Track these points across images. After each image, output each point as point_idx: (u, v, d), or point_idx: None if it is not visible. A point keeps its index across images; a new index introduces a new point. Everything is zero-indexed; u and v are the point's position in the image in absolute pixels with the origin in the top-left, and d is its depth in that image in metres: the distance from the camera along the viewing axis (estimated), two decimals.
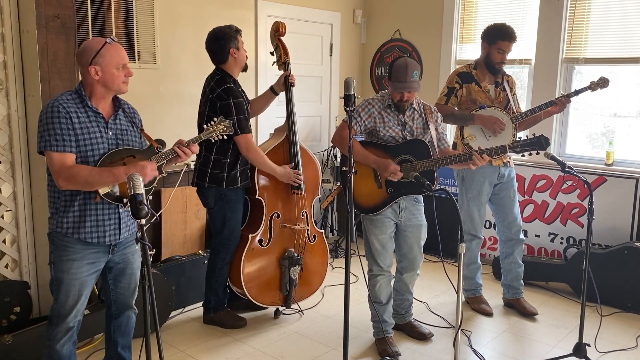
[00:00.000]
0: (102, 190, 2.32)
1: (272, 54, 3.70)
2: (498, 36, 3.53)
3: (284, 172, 3.49)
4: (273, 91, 3.69)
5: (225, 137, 2.67)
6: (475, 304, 3.88)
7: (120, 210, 2.42)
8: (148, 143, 2.49)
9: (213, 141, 2.67)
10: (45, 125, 2.26)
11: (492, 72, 3.64)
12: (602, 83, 3.52)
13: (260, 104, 3.75)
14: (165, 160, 2.45)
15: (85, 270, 2.40)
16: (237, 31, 3.38)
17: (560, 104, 3.54)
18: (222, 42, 3.32)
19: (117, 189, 2.35)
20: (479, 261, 3.90)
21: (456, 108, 3.69)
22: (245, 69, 3.48)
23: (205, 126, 2.66)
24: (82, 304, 2.45)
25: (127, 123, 2.48)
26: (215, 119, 2.67)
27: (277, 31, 3.63)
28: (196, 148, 2.52)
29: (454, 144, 3.75)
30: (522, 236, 3.82)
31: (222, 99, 3.27)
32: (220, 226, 3.47)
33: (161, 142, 2.47)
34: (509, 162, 3.74)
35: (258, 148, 3.43)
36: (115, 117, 2.43)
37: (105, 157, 2.34)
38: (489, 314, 3.80)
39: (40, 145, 2.27)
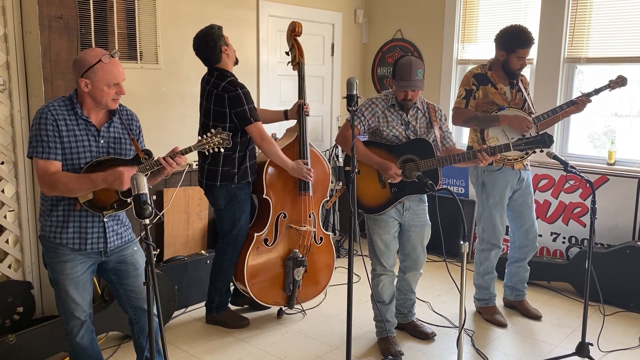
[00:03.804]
0: (82, 198, 2.31)
1: (287, 53, 3.71)
2: (517, 44, 3.39)
3: (296, 166, 3.46)
4: (285, 116, 3.72)
5: (222, 150, 2.55)
6: (488, 314, 3.75)
7: (105, 219, 2.40)
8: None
9: (207, 154, 2.58)
10: (34, 132, 2.28)
11: (510, 77, 3.53)
12: (621, 82, 3.46)
13: (267, 116, 3.76)
14: (149, 172, 2.37)
15: (80, 270, 2.41)
16: (220, 28, 3.37)
17: (581, 103, 3.46)
18: (212, 45, 3.31)
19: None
20: (495, 271, 3.78)
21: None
22: (236, 62, 3.47)
23: (199, 137, 2.55)
24: (85, 299, 2.45)
25: (122, 131, 2.45)
26: (212, 130, 2.55)
27: (294, 31, 3.65)
28: (182, 160, 2.41)
29: (469, 148, 3.59)
30: (537, 243, 3.74)
31: (230, 90, 3.27)
32: (229, 226, 3.47)
33: (148, 153, 2.40)
34: (528, 164, 3.63)
35: (271, 138, 3.42)
36: (109, 124, 2.41)
37: (89, 166, 2.32)
38: (503, 325, 3.65)
39: (29, 150, 2.32)
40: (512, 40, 3.42)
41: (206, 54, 3.34)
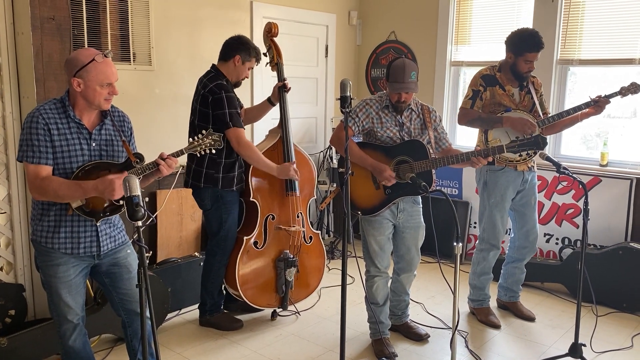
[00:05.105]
0: (74, 204, 2.29)
1: (265, 55, 3.70)
2: (525, 48, 3.38)
3: (282, 168, 3.44)
4: (270, 102, 3.69)
5: (213, 151, 2.52)
6: (482, 315, 3.75)
7: (98, 223, 2.39)
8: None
9: (199, 155, 2.56)
10: (24, 135, 2.26)
11: (518, 80, 3.52)
12: (634, 89, 3.41)
13: (257, 112, 3.77)
14: (141, 176, 2.35)
15: (72, 273, 2.39)
16: (257, 53, 3.43)
17: (601, 103, 3.41)
18: (235, 45, 3.37)
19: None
20: (492, 273, 3.78)
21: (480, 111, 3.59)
22: (236, 84, 3.48)
23: (190, 139, 2.53)
24: (77, 302, 2.44)
25: (114, 133, 2.43)
26: (203, 131, 2.53)
27: (270, 32, 3.63)
28: (174, 161, 2.40)
29: (477, 147, 3.59)
30: (536, 244, 3.74)
31: (215, 93, 3.27)
32: (216, 228, 3.47)
33: (139, 157, 2.38)
34: (533, 166, 3.63)
35: (251, 144, 3.41)
36: (100, 127, 2.39)
37: (80, 171, 2.30)
38: (496, 326, 3.65)
39: (19, 154, 2.29)
40: (521, 43, 3.41)
41: (225, 45, 3.41)
